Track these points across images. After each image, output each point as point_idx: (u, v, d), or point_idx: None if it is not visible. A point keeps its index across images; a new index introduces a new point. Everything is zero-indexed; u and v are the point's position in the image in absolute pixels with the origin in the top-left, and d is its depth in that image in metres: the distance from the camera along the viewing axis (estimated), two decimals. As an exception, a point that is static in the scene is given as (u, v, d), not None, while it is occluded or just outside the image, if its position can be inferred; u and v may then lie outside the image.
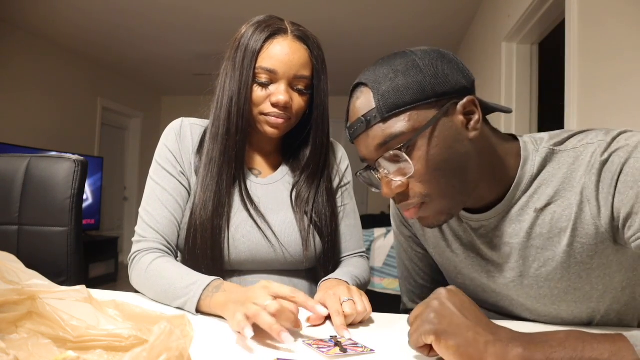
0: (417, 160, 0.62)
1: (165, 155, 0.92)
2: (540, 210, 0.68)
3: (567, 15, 1.79)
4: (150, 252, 0.85)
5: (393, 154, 0.62)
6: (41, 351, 0.47)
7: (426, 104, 0.62)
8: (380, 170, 0.65)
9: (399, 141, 0.62)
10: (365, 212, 6.15)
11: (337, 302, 0.71)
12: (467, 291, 0.76)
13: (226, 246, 0.87)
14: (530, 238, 0.69)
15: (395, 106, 0.61)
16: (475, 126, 0.64)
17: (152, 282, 0.81)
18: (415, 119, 0.62)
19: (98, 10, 3.61)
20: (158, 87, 6.23)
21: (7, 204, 1.05)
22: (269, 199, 0.93)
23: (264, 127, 0.89)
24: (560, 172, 0.67)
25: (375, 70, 0.65)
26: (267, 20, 0.88)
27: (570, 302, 0.70)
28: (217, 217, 0.86)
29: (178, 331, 0.42)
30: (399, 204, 0.67)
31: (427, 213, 0.66)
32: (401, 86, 0.62)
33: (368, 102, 0.64)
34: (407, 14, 3.58)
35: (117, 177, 5.68)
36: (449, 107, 0.63)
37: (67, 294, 0.51)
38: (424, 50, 0.65)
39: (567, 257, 0.67)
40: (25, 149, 3.55)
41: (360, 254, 1.02)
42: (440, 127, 0.62)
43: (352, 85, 0.68)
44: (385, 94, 0.62)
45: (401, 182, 0.64)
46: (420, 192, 0.64)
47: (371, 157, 0.66)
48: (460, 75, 0.64)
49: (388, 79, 0.62)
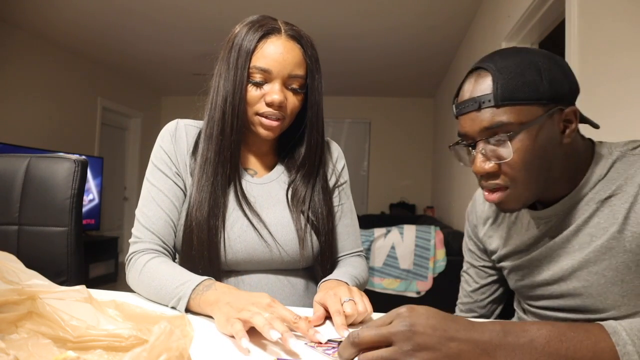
0: (515, 149, 0.68)
1: (161, 157, 0.92)
2: (601, 202, 0.73)
3: (567, 15, 1.79)
4: (146, 253, 0.86)
5: (497, 139, 0.68)
6: (41, 351, 0.47)
7: (536, 104, 0.67)
8: (478, 147, 0.71)
9: (505, 129, 0.67)
10: (365, 212, 6.16)
11: (337, 302, 0.71)
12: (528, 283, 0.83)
13: (222, 246, 0.87)
14: (588, 226, 0.73)
15: (510, 98, 0.67)
16: (570, 134, 0.71)
17: (147, 283, 0.81)
18: (523, 114, 0.67)
19: (98, 10, 3.61)
20: (158, 87, 6.23)
21: (7, 204, 1.05)
22: (264, 198, 0.93)
23: (258, 129, 0.89)
24: (628, 172, 0.71)
25: (498, 60, 0.70)
26: (261, 20, 0.88)
27: (617, 296, 0.71)
28: (212, 217, 0.86)
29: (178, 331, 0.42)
30: (486, 182, 0.73)
31: (507, 198, 0.72)
32: (520, 82, 0.67)
33: (485, 87, 0.69)
34: (407, 15, 3.58)
35: (117, 177, 5.68)
36: (554, 111, 0.69)
37: (67, 294, 0.51)
38: (545, 55, 0.71)
39: (616, 242, 0.70)
40: (25, 149, 3.54)
41: (357, 253, 1.02)
42: (542, 127, 0.68)
43: (471, 68, 0.74)
44: (503, 85, 0.67)
45: (495, 164, 0.70)
46: (510, 176, 0.70)
47: (473, 135, 0.71)
48: (568, 85, 0.70)
49: (509, 72, 0.67)
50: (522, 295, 0.88)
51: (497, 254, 0.90)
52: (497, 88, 0.67)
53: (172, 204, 0.90)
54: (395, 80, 5.50)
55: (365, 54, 4.53)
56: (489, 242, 0.92)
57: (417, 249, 2.84)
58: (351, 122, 6.34)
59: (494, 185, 0.72)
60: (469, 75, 0.74)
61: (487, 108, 0.68)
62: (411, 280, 2.82)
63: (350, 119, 6.33)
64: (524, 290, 0.85)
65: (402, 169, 6.31)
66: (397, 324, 0.50)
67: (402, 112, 6.34)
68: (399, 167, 6.31)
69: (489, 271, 0.96)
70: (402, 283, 2.83)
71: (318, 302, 0.75)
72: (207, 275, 0.79)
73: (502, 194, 0.72)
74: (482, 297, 0.98)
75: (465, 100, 0.71)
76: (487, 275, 0.97)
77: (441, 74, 5.10)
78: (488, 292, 0.97)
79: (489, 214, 0.93)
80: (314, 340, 0.63)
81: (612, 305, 0.72)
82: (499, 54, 0.72)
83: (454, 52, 4.35)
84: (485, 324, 0.52)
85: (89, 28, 4.00)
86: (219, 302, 0.69)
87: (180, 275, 0.79)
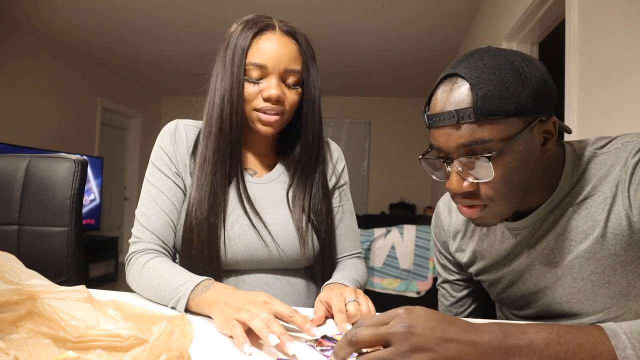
0: (495, 168, 0.62)
1: (161, 157, 0.92)
2: (578, 204, 0.71)
3: (567, 15, 1.79)
4: (146, 253, 0.86)
5: (477, 158, 0.62)
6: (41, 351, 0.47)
7: (517, 117, 0.61)
8: (454, 166, 0.65)
9: (485, 147, 0.62)
10: (365, 212, 6.16)
11: (341, 301, 0.71)
12: (511, 294, 0.80)
13: (222, 245, 0.87)
14: (566, 231, 0.71)
15: (493, 113, 0.60)
16: (550, 147, 0.66)
17: (146, 283, 0.81)
18: (505, 130, 0.61)
19: (98, 10, 3.61)
20: (158, 87, 6.23)
21: (7, 204, 1.05)
22: (264, 198, 0.93)
23: (257, 126, 0.89)
24: (600, 172, 0.70)
25: (476, 66, 0.62)
26: (255, 18, 0.89)
27: (606, 298, 0.70)
28: (212, 215, 0.86)
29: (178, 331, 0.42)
30: (462, 200, 0.68)
31: (485, 214, 0.68)
32: (503, 95, 0.60)
33: (464, 98, 0.62)
34: (407, 16, 3.58)
35: (117, 177, 5.68)
36: (535, 124, 0.63)
37: (67, 294, 0.51)
38: (523, 57, 0.64)
39: (600, 247, 0.68)
40: (25, 149, 3.54)
41: (357, 254, 1.02)
42: (523, 142, 0.63)
43: (445, 74, 0.66)
44: (485, 98, 0.60)
45: (473, 183, 0.65)
46: (488, 196, 0.65)
47: (448, 151, 0.65)
48: (550, 94, 0.64)
49: (491, 83, 0.61)
50: (507, 306, 0.86)
51: (474, 268, 0.86)
52: (476, 100, 0.60)
53: (172, 204, 0.90)
54: (395, 80, 5.50)
55: (366, 54, 4.53)
56: (461, 256, 0.88)
57: (417, 249, 2.84)
58: (351, 122, 6.33)
59: (471, 203, 0.67)
60: (442, 82, 0.66)
61: (466, 124, 0.61)
62: (411, 280, 2.82)
63: (350, 119, 6.33)
64: (508, 302, 0.83)
65: (402, 169, 6.30)
66: (395, 324, 0.50)
67: (402, 112, 6.34)
68: (399, 167, 6.31)
69: (463, 284, 0.94)
70: (402, 283, 2.83)
71: (321, 301, 0.75)
72: (207, 275, 0.79)
73: (479, 210, 0.67)
74: (460, 310, 0.96)
75: (441, 113, 0.64)
76: (462, 288, 0.95)
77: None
78: (466, 304, 0.95)
79: (457, 227, 0.88)
80: (309, 334, 0.63)
81: (601, 307, 0.71)
82: (473, 58, 0.64)
83: (454, 52, 4.35)
84: (484, 325, 0.51)
85: (89, 28, 4.00)
86: (218, 302, 0.69)
87: (179, 275, 0.78)
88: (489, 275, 0.84)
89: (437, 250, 0.95)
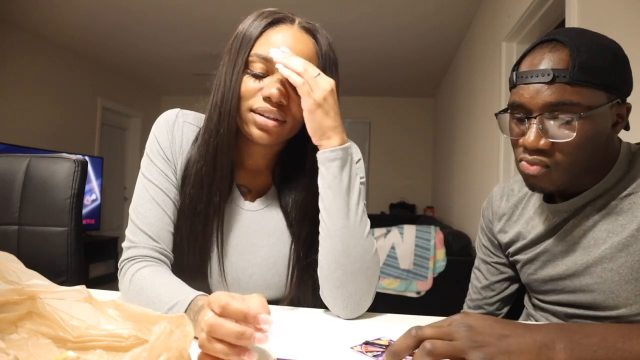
0: (576, 132, 0.66)
1: (157, 150, 0.82)
2: (621, 199, 0.73)
3: (567, 15, 1.79)
4: (138, 261, 0.75)
5: (565, 118, 0.66)
6: (41, 351, 0.47)
7: (605, 92, 0.67)
8: (536, 122, 0.68)
9: (571, 110, 0.66)
10: (365, 212, 6.14)
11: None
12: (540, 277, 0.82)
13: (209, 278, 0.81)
14: (605, 221, 0.73)
15: (586, 79, 0.65)
16: (618, 130, 0.72)
17: (134, 298, 0.71)
18: (592, 98, 0.66)
19: (98, 10, 3.61)
20: (158, 87, 6.23)
21: (7, 204, 1.05)
22: (254, 230, 0.84)
23: (251, 129, 0.75)
24: None
25: (577, 36, 0.68)
26: (274, 10, 0.78)
27: (630, 294, 0.71)
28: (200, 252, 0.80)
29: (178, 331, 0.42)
30: (531, 156, 0.70)
31: (544, 176, 0.71)
32: (600, 66, 0.66)
33: (562, 60, 0.66)
34: (407, 16, 3.58)
35: (117, 177, 5.68)
36: (614, 103, 0.68)
37: (67, 294, 0.51)
38: (617, 44, 0.71)
39: (634, 240, 0.70)
40: (25, 149, 3.54)
41: None
42: (602, 115, 0.68)
43: (545, 38, 0.71)
44: (583, 63, 0.65)
45: (550, 142, 0.68)
46: (557, 159, 0.69)
47: (533, 108, 0.68)
48: (631, 81, 0.71)
49: (591, 51, 0.66)
50: (533, 290, 0.87)
51: (513, 247, 0.89)
52: (574, 65, 0.65)
53: (173, 204, 0.80)
54: (396, 80, 5.50)
55: (366, 55, 4.53)
56: (503, 237, 0.92)
57: (417, 249, 2.84)
58: (351, 122, 6.33)
59: (538, 160, 0.70)
60: (539, 44, 0.70)
61: (560, 84, 0.65)
62: (411, 280, 2.82)
63: (350, 119, 6.32)
64: (536, 285, 0.85)
65: (402, 169, 6.30)
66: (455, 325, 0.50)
67: (402, 112, 6.34)
68: (399, 167, 6.31)
69: (500, 268, 0.96)
70: (402, 283, 2.83)
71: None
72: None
73: (541, 169, 0.70)
74: (491, 294, 0.97)
75: (537, 70, 0.67)
76: (498, 273, 0.96)
77: (441, 74, 5.10)
78: (498, 289, 0.97)
79: (504, 210, 0.92)
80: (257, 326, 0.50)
81: (624, 303, 0.72)
82: (574, 31, 0.69)
83: (454, 52, 4.35)
84: (539, 325, 0.53)
85: (89, 28, 4.00)
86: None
87: (169, 293, 0.67)
88: (524, 254, 0.86)
89: (481, 231, 0.99)
